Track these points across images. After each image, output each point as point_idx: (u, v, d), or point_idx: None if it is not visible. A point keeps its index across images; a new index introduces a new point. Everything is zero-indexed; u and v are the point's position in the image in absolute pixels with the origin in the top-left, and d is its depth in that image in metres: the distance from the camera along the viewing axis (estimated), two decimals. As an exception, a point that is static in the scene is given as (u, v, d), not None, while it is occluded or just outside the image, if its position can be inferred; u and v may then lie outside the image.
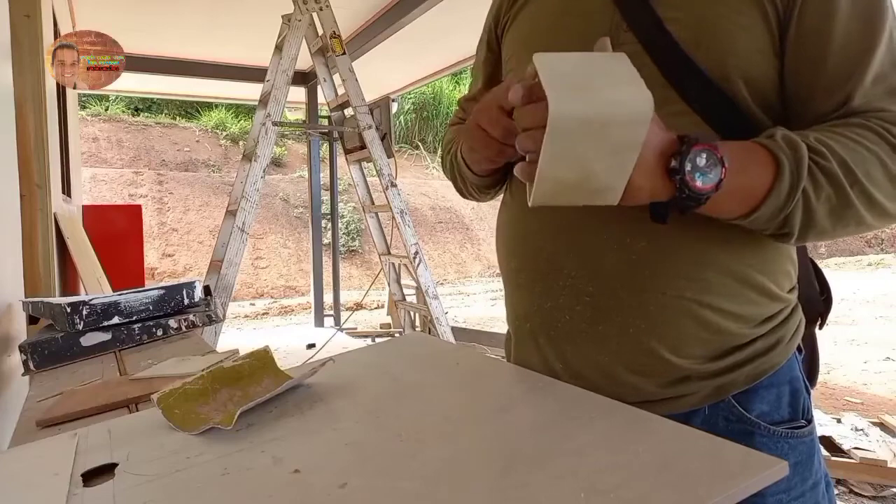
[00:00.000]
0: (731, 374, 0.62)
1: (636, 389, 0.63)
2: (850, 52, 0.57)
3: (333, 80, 4.16)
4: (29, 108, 2.31)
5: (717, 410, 0.63)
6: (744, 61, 0.58)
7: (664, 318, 0.60)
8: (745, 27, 0.58)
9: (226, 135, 11.54)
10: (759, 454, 0.40)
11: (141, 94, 8.22)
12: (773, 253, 0.63)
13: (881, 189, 0.55)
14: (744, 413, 0.62)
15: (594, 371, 0.64)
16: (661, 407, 0.61)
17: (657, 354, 0.61)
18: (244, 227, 3.34)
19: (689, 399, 0.62)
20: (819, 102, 0.59)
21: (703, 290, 0.60)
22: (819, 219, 0.54)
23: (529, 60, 0.60)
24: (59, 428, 0.73)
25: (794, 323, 0.66)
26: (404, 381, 0.64)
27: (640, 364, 0.62)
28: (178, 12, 4.31)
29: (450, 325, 4.11)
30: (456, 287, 9.64)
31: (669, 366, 0.61)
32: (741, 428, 0.62)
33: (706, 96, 0.59)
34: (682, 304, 0.60)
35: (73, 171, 4.02)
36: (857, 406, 3.60)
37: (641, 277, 0.60)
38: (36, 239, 2.31)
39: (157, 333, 1.25)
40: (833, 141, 0.54)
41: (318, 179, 6.14)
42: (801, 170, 0.52)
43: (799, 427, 0.64)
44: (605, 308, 0.62)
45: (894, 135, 0.55)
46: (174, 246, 8.95)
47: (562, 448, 0.45)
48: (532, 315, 0.69)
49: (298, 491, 0.42)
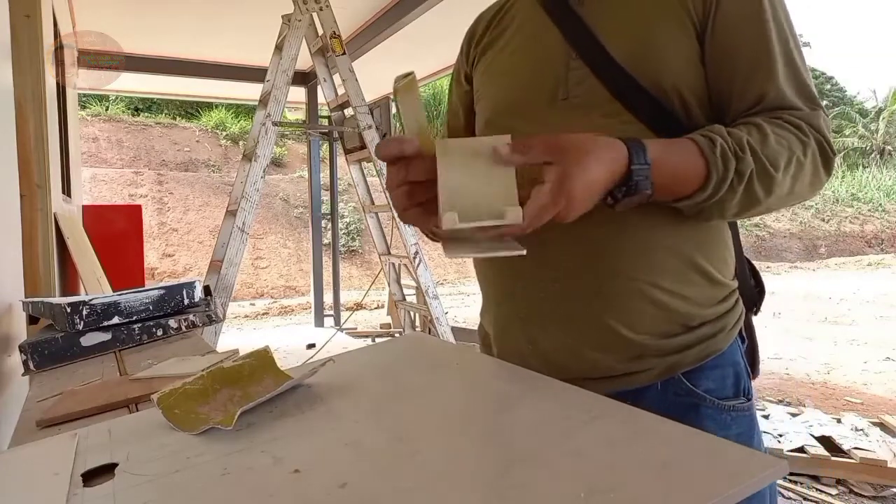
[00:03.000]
0: (681, 354, 0.70)
1: (599, 366, 0.70)
2: (755, 58, 0.67)
3: (333, 80, 4.16)
4: (29, 108, 2.31)
5: (668, 385, 0.70)
6: (676, 73, 0.67)
7: (620, 298, 0.68)
8: (673, 41, 0.68)
9: (226, 135, 11.55)
10: (759, 454, 0.40)
11: (141, 94, 8.23)
12: (712, 240, 0.71)
13: (790, 180, 0.64)
14: (692, 388, 0.70)
15: (561, 351, 0.71)
16: (620, 382, 0.70)
17: (616, 332, 0.69)
18: (244, 227, 3.34)
19: (646, 375, 0.70)
20: (737, 102, 0.68)
21: (651, 271, 0.68)
22: (729, 210, 0.64)
23: (496, 91, 0.79)
24: (59, 428, 0.73)
25: (736, 313, 0.74)
26: (404, 381, 0.64)
27: (602, 341, 0.69)
28: (178, 12, 4.32)
29: (450, 325, 4.11)
30: (456, 287, 9.64)
31: (628, 342, 0.69)
32: (689, 401, 0.70)
33: (649, 107, 0.68)
34: (635, 284, 0.68)
35: (73, 171, 4.02)
36: (857, 406, 3.60)
37: (598, 262, 0.68)
38: (36, 239, 2.31)
39: (157, 333, 1.25)
40: (757, 140, 0.62)
41: (318, 179, 6.14)
42: (725, 181, 0.61)
43: (741, 403, 0.72)
44: (569, 291, 0.70)
45: (804, 131, 0.64)
46: (174, 246, 8.95)
47: (562, 448, 0.45)
48: (505, 304, 0.78)
49: (298, 491, 0.42)
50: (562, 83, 0.71)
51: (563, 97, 0.71)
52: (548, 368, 0.69)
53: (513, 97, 0.77)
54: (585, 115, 0.69)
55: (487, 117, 0.81)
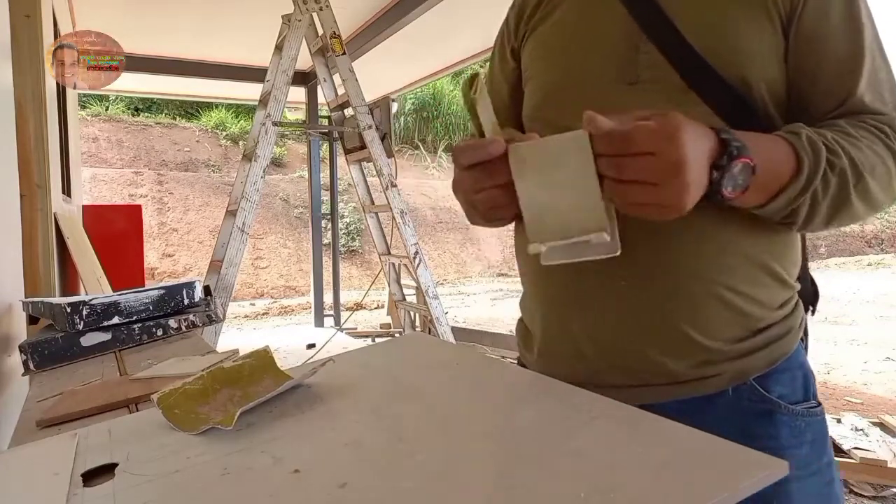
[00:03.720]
0: (752, 357, 0.66)
1: (665, 370, 0.66)
2: (844, 55, 0.63)
3: (333, 80, 4.16)
4: (29, 108, 2.31)
5: (740, 392, 0.66)
6: (758, 66, 0.63)
7: (696, 301, 0.64)
8: (757, 33, 0.63)
9: (226, 135, 11.55)
10: (759, 454, 0.40)
11: (141, 94, 8.23)
12: (785, 242, 0.68)
13: (878, 186, 0.60)
14: (765, 394, 0.66)
15: (627, 353, 0.67)
16: (688, 388, 0.65)
17: (688, 336, 0.64)
18: (244, 227, 3.34)
19: (715, 381, 0.65)
20: (820, 102, 0.64)
21: (729, 274, 0.64)
22: (821, 212, 0.59)
23: (551, 70, 0.73)
24: (59, 428, 0.73)
25: (799, 314, 0.71)
26: (404, 381, 0.64)
27: (672, 345, 0.65)
28: (179, 12, 4.32)
29: (450, 325, 4.11)
30: (456, 287, 9.64)
31: (698, 347, 0.65)
32: (763, 407, 0.66)
33: (726, 99, 0.63)
34: (712, 287, 0.64)
35: (73, 171, 4.02)
36: (857, 406, 3.60)
37: (676, 263, 0.64)
38: (36, 239, 2.31)
39: (157, 333, 1.25)
40: (845, 141, 0.59)
41: (318, 179, 6.14)
42: (818, 171, 0.57)
43: (813, 407, 0.68)
44: (640, 292, 0.65)
45: (889, 136, 0.61)
46: (174, 246, 8.95)
47: (562, 448, 0.45)
48: (565, 301, 0.71)
49: (298, 491, 0.42)
50: (630, 66, 0.66)
51: (632, 81, 0.66)
52: (610, 372, 0.67)
53: (570, 77, 0.71)
54: (656, 104, 0.63)
55: (540, 98, 0.75)
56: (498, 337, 4.95)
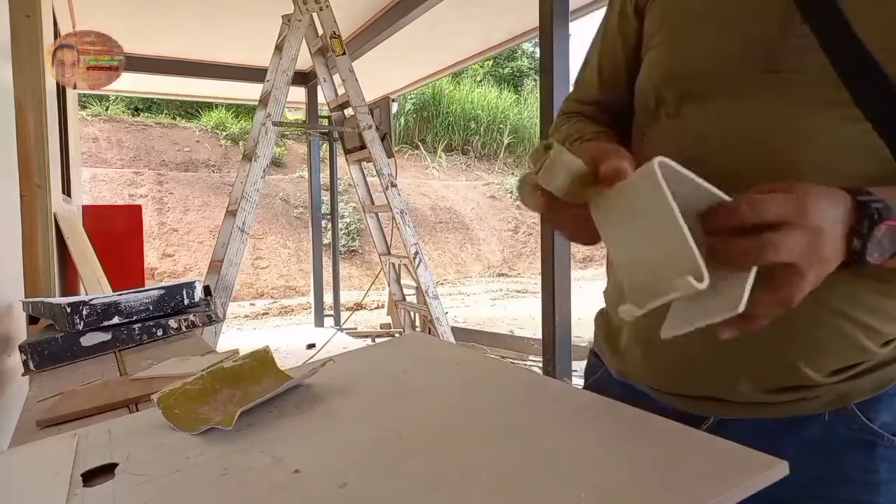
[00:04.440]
0: (857, 381, 0.58)
1: (753, 393, 0.59)
2: None
3: (333, 80, 4.16)
4: (29, 108, 2.31)
5: (837, 418, 0.58)
6: None
7: (811, 329, 0.56)
8: None
9: (226, 135, 11.54)
10: (759, 454, 0.40)
11: (141, 94, 8.23)
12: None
13: None
14: (867, 422, 0.58)
15: (723, 373, 0.59)
16: (778, 409, 0.58)
17: (796, 369, 0.57)
18: (244, 227, 3.34)
19: (810, 403, 0.58)
20: None
21: (854, 304, 0.56)
22: None
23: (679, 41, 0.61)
24: (59, 428, 0.73)
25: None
26: (404, 381, 0.64)
27: (774, 378, 0.58)
28: (179, 12, 4.32)
29: (450, 325, 4.11)
30: (456, 287, 9.64)
31: (803, 379, 0.57)
32: (864, 438, 0.58)
33: (887, 106, 0.52)
34: (834, 319, 0.56)
35: (73, 171, 4.02)
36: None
37: None
38: (36, 239, 2.31)
39: (157, 333, 1.25)
40: None
41: (318, 179, 6.14)
42: None
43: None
44: None
45: None
46: (174, 246, 8.95)
47: (562, 448, 0.45)
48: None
49: (298, 491, 0.42)
50: (776, 50, 0.56)
51: (774, 69, 0.56)
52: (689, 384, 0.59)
53: (700, 57, 0.61)
54: (802, 100, 0.54)
55: (662, 74, 0.64)
56: (498, 337, 4.95)
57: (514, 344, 4.72)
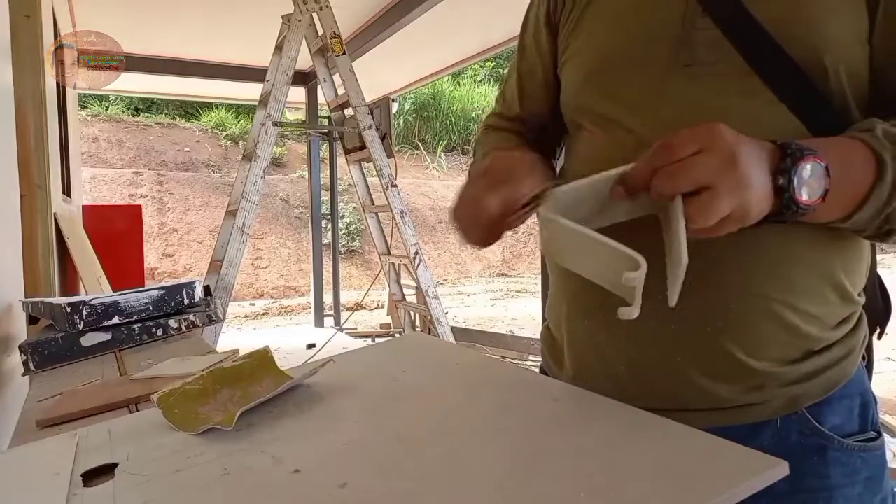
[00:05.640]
0: (807, 384, 0.58)
1: (707, 394, 0.59)
2: None
3: (333, 80, 4.16)
4: (29, 108, 2.31)
5: (789, 423, 0.59)
6: (839, 49, 0.54)
7: (746, 318, 0.57)
8: (839, 11, 0.54)
9: (226, 135, 11.53)
10: (758, 454, 0.40)
11: (141, 94, 8.23)
12: (856, 251, 0.60)
13: None
14: (817, 425, 0.58)
15: (663, 374, 0.60)
16: (731, 414, 0.58)
17: (734, 357, 0.57)
18: (244, 227, 3.34)
19: (762, 409, 0.58)
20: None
21: (787, 288, 0.56)
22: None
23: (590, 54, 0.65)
24: (59, 428, 0.74)
25: (861, 332, 0.63)
26: (404, 381, 0.64)
27: (715, 367, 0.58)
28: (179, 12, 4.31)
29: (450, 325, 4.11)
30: (456, 287, 9.63)
31: (745, 370, 0.57)
32: (815, 442, 0.58)
33: (796, 86, 0.54)
34: (766, 303, 0.56)
35: (73, 171, 4.02)
36: (857, 406, 3.59)
37: (727, 277, 0.56)
38: (36, 239, 2.31)
39: (157, 333, 1.25)
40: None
41: (318, 179, 6.14)
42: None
43: (870, 440, 0.60)
44: (682, 308, 0.53)
45: None
46: (174, 246, 8.94)
47: (562, 448, 0.45)
48: (593, 311, 0.64)
49: (298, 491, 0.42)
50: (684, 44, 0.58)
51: (687, 63, 0.58)
52: (647, 396, 0.58)
53: (619, 52, 0.63)
54: (716, 89, 0.56)
55: (580, 82, 0.67)
56: (498, 337, 4.95)
57: (514, 344, 4.72)
